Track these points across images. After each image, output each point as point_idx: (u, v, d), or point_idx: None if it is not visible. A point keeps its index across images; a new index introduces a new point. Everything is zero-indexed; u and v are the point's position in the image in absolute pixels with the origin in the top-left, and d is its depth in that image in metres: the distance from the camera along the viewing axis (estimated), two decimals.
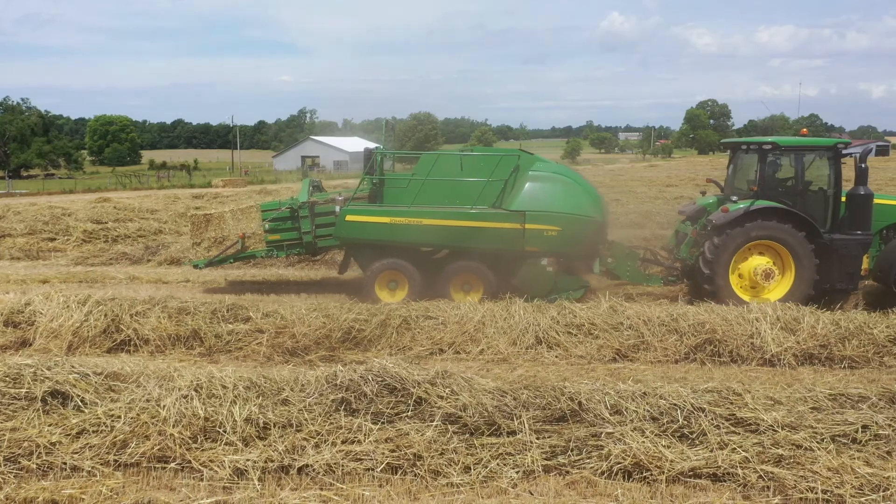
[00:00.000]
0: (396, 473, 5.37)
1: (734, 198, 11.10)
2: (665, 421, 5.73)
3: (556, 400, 5.90)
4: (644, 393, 6.02)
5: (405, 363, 6.30)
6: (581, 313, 9.01)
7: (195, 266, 12.06)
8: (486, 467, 5.38)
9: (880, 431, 5.67)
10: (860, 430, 5.67)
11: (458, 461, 5.40)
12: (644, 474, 5.35)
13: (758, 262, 10.63)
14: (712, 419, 5.76)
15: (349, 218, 10.87)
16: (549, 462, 5.51)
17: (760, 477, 5.29)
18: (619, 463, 5.38)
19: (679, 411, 5.77)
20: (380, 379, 5.92)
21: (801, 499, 5.16)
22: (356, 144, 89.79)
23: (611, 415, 5.78)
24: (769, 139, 11.04)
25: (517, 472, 5.38)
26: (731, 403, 5.90)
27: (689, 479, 5.37)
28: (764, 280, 10.52)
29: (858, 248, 10.75)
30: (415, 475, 5.34)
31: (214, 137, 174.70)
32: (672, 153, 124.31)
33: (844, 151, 11.00)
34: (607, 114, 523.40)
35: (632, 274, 11.53)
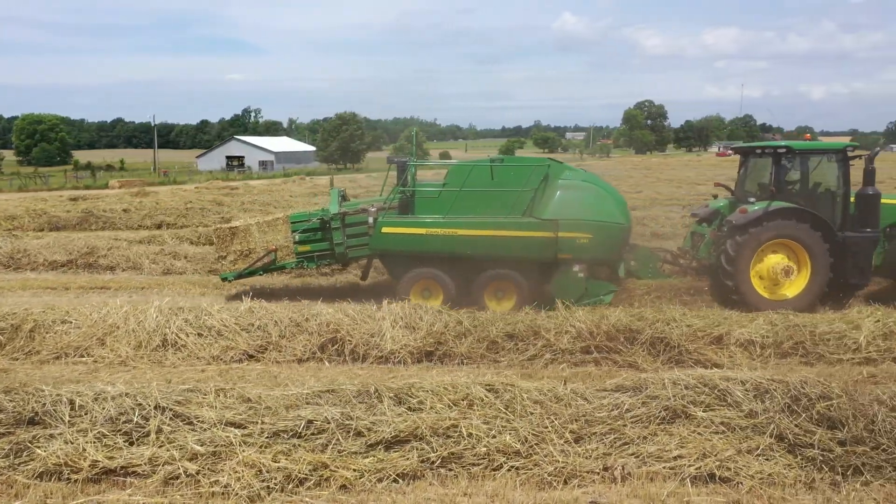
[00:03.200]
0: None
1: (752, 199, 11.51)
2: (122, 421, 5.89)
3: (25, 402, 6.02)
4: (123, 394, 6.17)
5: None
6: (217, 315, 9.15)
7: (223, 279, 11.87)
8: None
9: (325, 426, 5.92)
10: (306, 424, 5.92)
11: None
12: (68, 474, 5.51)
13: (776, 260, 10.99)
14: (170, 419, 5.94)
15: (385, 230, 10.93)
16: None
17: (182, 473, 5.49)
18: (45, 463, 5.52)
19: (139, 411, 5.94)
20: None
21: (211, 492, 5.38)
22: (283, 144, 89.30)
23: (72, 416, 5.92)
24: (783, 143, 11.49)
25: None
26: (192, 403, 6.09)
27: (118, 478, 5.54)
28: (784, 277, 10.88)
29: (869, 245, 11.21)
30: None
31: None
32: (610, 153, 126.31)
33: (851, 154, 11.37)
34: (559, 114, 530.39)
35: (653, 275, 11.95)
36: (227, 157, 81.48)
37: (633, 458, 5.87)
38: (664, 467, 5.78)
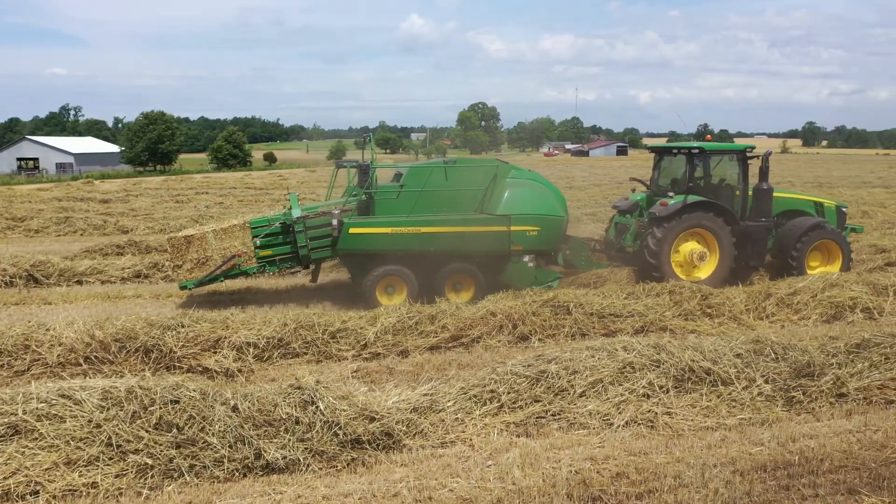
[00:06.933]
0: None
1: (671, 193, 12.85)
2: None
3: None
4: None
5: None
6: None
7: (183, 287, 11.61)
8: None
9: None
10: None
11: None
12: None
13: (692, 246, 12.42)
14: None
15: (352, 231, 11.23)
16: None
17: None
18: None
19: None
20: None
21: None
22: (84, 145, 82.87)
23: None
24: (696, 144, 13.00)
25: None
26: None
27: None
28: (698, 261, 12.31)
29: (765, 232, 12.91)
30: None
31: None
32: (446, 153, 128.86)
33: (749, 154, 12.99)
34: (405, 114, 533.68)
35: (586, 263, 13.00)
36: (19, 160, 74.13)
37: None
38: None
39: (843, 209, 14.09)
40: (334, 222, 11.43)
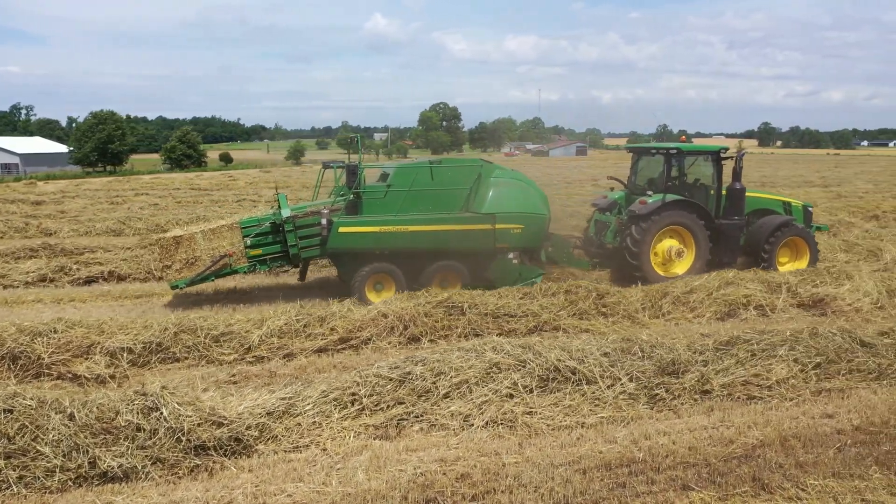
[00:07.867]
0: None
1: (649, 192, 13.18)
2: None
3: None
4: None
5: None
6: None
7: (174, 287, 11.67)
8: None
9: None
10: None
11: None
12: None
13: (670, 243, 12.78)
14: None
15: (342, 230, 11.37)
16: None
17: None
18: None
19: None
20: None
21: None
22: (31, 145, 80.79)
23: None
24: (673, 145, 13.32)
25: None
26: None
27: None
28: (676, 257, 12.67)
29: (737, 230, 13.32)
30: None
31: None
32: (408, 153, 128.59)
33: (723, 155, 13.38)
34: (370, 114, 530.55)
35: (567, 259, 13.23)
36: None
37: None
38: None
39: (809, 209, 14.65)
40: (324, 221, 11.62)
